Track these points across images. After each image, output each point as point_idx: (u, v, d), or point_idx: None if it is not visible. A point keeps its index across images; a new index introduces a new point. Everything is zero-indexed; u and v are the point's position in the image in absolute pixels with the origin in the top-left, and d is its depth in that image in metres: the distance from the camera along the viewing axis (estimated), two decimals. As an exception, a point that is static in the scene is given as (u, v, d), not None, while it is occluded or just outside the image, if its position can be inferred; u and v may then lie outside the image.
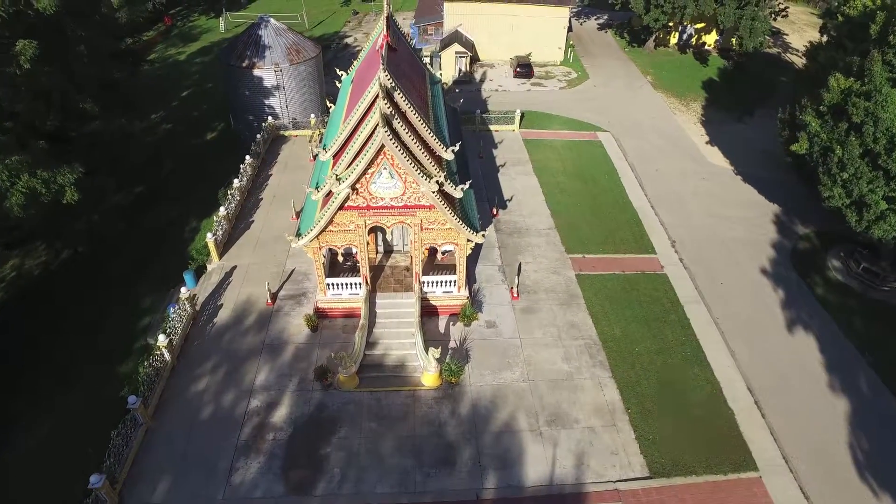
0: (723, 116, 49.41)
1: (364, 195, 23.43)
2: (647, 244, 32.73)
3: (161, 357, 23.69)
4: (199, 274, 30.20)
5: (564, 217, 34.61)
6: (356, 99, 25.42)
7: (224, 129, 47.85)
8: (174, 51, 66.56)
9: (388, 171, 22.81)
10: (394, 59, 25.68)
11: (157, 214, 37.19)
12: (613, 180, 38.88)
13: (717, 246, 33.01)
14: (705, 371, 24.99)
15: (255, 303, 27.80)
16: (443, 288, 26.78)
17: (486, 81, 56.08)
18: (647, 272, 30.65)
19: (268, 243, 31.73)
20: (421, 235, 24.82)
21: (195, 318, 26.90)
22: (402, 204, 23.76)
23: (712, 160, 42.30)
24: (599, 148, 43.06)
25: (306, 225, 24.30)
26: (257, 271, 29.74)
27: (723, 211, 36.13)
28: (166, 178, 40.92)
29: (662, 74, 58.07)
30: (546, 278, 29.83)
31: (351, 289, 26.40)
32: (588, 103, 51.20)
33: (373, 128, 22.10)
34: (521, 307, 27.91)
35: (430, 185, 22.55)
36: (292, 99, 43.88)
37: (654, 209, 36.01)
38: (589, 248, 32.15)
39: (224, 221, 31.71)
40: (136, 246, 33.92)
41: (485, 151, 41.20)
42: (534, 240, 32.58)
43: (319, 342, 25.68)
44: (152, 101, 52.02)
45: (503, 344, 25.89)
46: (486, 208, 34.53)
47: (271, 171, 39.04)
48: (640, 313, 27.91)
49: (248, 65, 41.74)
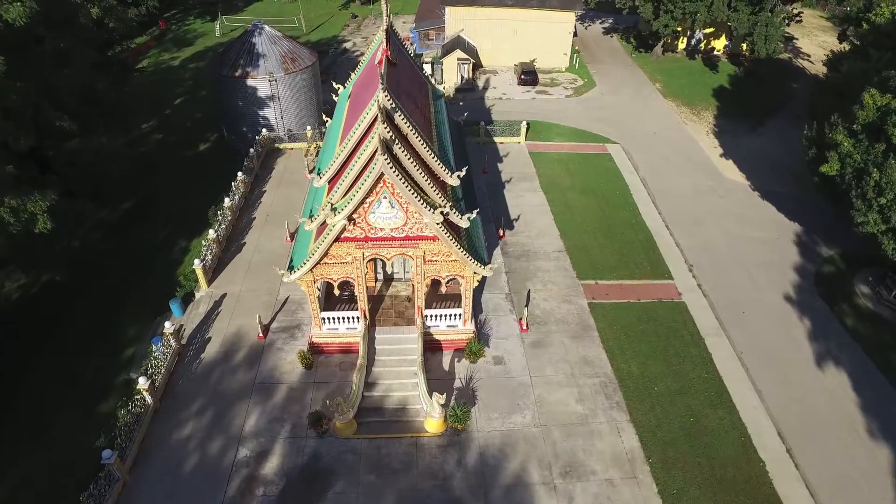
0: (735, 126, 47.52)
1: (362, 226, 21.55)
2: (662, 269, 30.85)
3: (142, 401, 21.81)
4: (186, 302, 28.31)
5: (574, 238, 32.72)
6: (353, 118, 23.56)
7: (217, 140, 45.93)
8: (167, 56, 64.56)
9: (389, 201, 20.93)
10: (394, 74, 23.82)
11: (144, 233, 35.32)
12: (625, 197, 36.99)
13: (736, 270, 31.13)
14: (731, 414, 23.10)
15: (246, 336, 25.92)
16: (447, 322, 24.91)
17: (490, 89, 54.17)
18: (664, 300, 28.76)
19: (260, 268, 29.83)
20: (424, 268, 22.94)
21: (181, 354, 25.04)
22: (404, 235, 21.88)
23: (727, 174, 40.41)
24: (609, 161, 41.17)
25: (299, 258, 22.40)
26: (248, 300, 27.86)
27: (741, 231, 34.25)
28: (156, 193, 39.04)
29: (671, 81, 56.16)
30: (557, 307, 27.95)
31: (348, 323, 24.53)
32: (596, 112, 49.30)
33: (371, 153, 20.22)
34: (530, 341, 26.04)
35: (435, 216, 20.67)
36: (287, 109, 41.97)
37: (669, 229, 34.12)
38: (601, 273, 30.27)
39: (213, 245, 29.84)
40: (121, 268, 32.03)
41: (490, 165, 39.32)
42: (543, 264, 30.69)
43: (314, 381, 23.80)
44: (143, 110, 50.09)
45: (512, 383, 24.02)
46: (493, 229, 32.62)
47: (265, 187, 37.15)
48: (658, 347, 26.05)
49: (241, 74, 39.82)
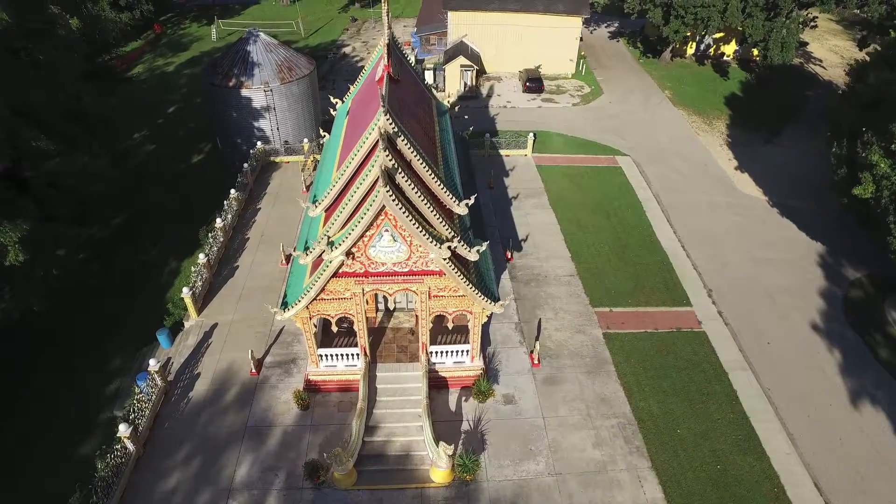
0: (749, 137, 45.78)
1: (361, 260, 19.81)
2: (680, 294, 29.10)
3: (123, 450, 20.07)
4: (175, 331, 26.56)
5: (587, 261, 30.97)
6: (352, 139, 21.82)
7: (211, 151, 44.24)
8: (162, 61, 62.86)
9: (391, 234, 19.19)
10: (395, 92, 22.07)
11: (133, 253, 33.62)
12: (638, 215, 35.24)
13: (758, 296, 29.39)
14: (761, 462, 21.35)
15: (238, 372, 24.18)
16: (453, 358, 23.18)
17: (494, 96, 52.44)
18: (684, 329, 27.01)
19: (253, 295, 28.07)
20: (429, 304, 21.20)
21: (167, 392, 23.30)
22: (407, 269, 20.14)
23: (744, 189, 38.67)
24: (620, 176, 39.42)
25: (293, 294, 20.65)
26: (241, 331, 26.10)
27: (762, 252, 32.50)
28: (146, 210, 37.31)
29: (681, 88, 54.43)
30: (570, 339, 26.22)
31: (347, 360, 22.81)
32: (604, 122, 47.56)
33: (371, 182, 18.48)
34: (542, 376, 24.31)
35: (441, 251, 18.93)
36: (284, 121, 40.21)
37: (685, 250, 32.38)
38: (616, 299, 28.52)
39: (204, 270, 28.08)
40: (108, 292, 30.38)
41: (495, 180, 37.57)
42: (554, 289, 28.96)
43: (311, 424, 22.06)
44: (135, 119, 48.43)
45: (524, 425, 22.28)
46: (500, 251, 30.90)
47: (259, 204, 35.38)
48: (679, 383, 24.32)
49: (235, 84, 38.07)
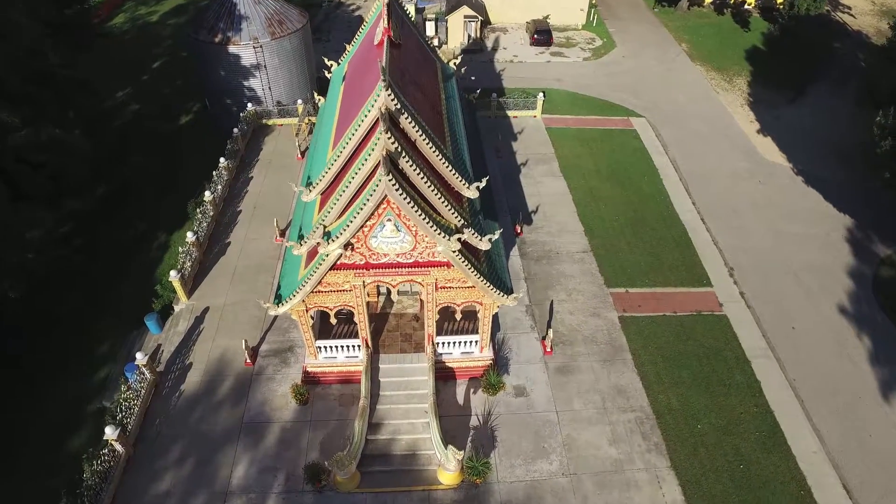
0: (772, 95, 42.96)
1: (362, 251, 18.00)
2: (700, 273, 27.42)
3: (111, 452, 18.88)
4: (164, 315, 25.05)
5: (601, 235, 29.13)
6: (349, 112, 19.59)
7: (200, 111, 41.47)
8: (145, 10, 58.71)
9: (394, 223, 17.29)
10: (397, 59, 19.65)
11: (121, 226, 31.61)
12: (655, 183, 33.11)
13: (782, 274, 27.73)
14: (787, 460, 20.24)
15: (232, 361, 22.79)
16: (462, 349, 21.75)
17: (500, 50, 49.11)
18: (704, 312, 25.50)
19: (247, 275, 26.42)
20: (436, 295, 19.54)
21: (157, 385, 21.98)
22: (412, 261, 18.34)
23: (767, 155, 36.35)
24: (635, 139, 37.00)
25: (288, 287, 18.93)
26: (234, 315, 24.58)
27: (786, 226, 30.61)
28: (131, 178, 35.04)
29: (699, 41, 50.99)
30: (584, 323, 24.73)
31: (348, 351, 21.37)
32: (617, 79, 44.58)
33: (372, 167, 16.45)
34: (555, 365, 22.96)
35: (451, 243, 17.10)
36: (276, 79, 37.40)
37: (705, 223, 30.46)
38: (633, 278, 26.88)
39: (193, 248, 26.28)
40: (94, 270, 28.60)
41: (503, 145, 35.24)
42: (566, 267, 27.26)
43: (311, 420, 20.84)
44: (118, 76, 45.28)
45: (536, 420, 21.08)
46: (509, 223, 29.03)
47: (252, 172, 33.19)
48: (699, 373, 22.99)
49: (222, 40, 35.09)
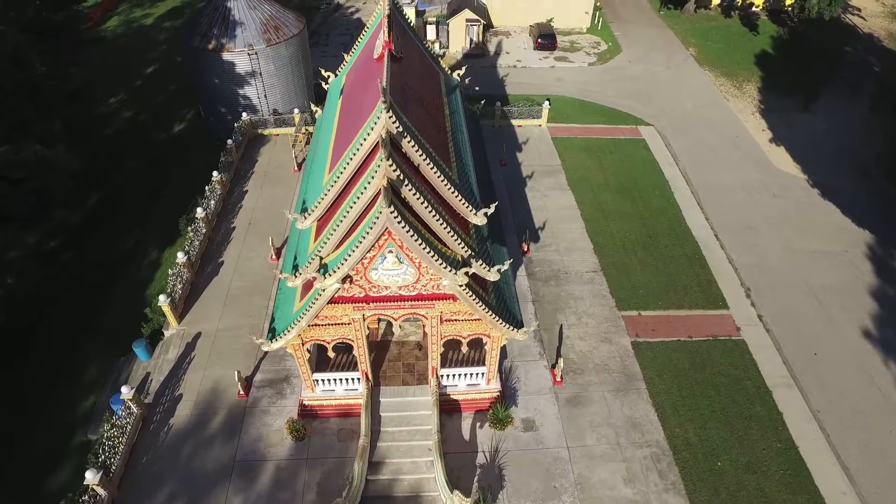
0: (784, 102, 41.71)
1: (361, 284, 16.77)
2: (715, 294, 26.20)
3: (94, 498, 17.66)
4: (154, 339, 23.83)
5: (611, 253, 27.90)
6: (347, 130, 18.36)
7: (194, 119, 40.18)
8: (139, 13, 57.39)
9: (396, 255, 16.07)
10: (398, 74, 18.41)
11: (111, 239, 30.35)
12: (666, 196, 31.87)
13: (801, 295, 26.52)
14: (816, 503, 19.11)
15: (224, 393, 21.57)
16: (467, 381, 20.54)
17: (502, 54, 47.83)
18: (721, 337, 24.29)
19: (241, 297, 25.18)
20: (441, 328, 18.33)
21: (145, 419, 20.76)
22: (416, 293, 17.12)
23: (780, 166, 35.12)
24: (644, 150, 35.76)
25: (283, 321, 17.70)
26: (227, 342, 23.34)
27: (803, 242, 29.39)
28: (123, 189, 33.79)
29: (707, 46, 49.70)
30: (595, 349, 23.53)
31: (346, 384, 20.16)
32: (623, 85, 43.32)
33: (372, 195, 15.23)
34: (566, 396, 21.75)
35: (457, 277, 15.88)
36: (272, 87, 36.10)
37: (719, 239, 29.24)
38: (645, 300, 25.66)
39: (184, 269, 25.05)
40: (81, 288, 27.36)
41: (508, 156, 33.97)
42: (575, 288, 26.04)
43: (307, 457, 19.61)
44: (111, 81, 44.02)
45: (546, 457, 19.86)
46: (515, 241, 27.79)
47: (247, 185, 31.93)
48: (717, 405, 21.77)
49: (216, 47, 33.78)
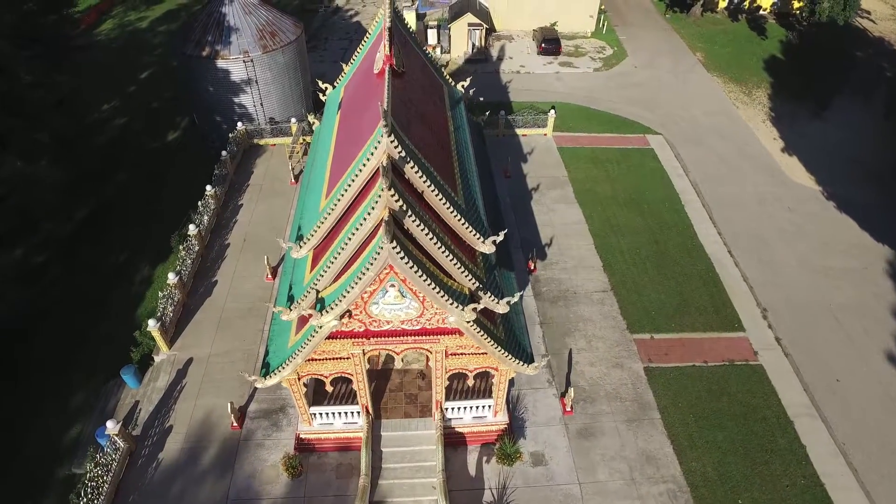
0: (795, 109, 40.64)
1: (361, 318, 15.67)
2: (730, 315, 25.10)
3: (75, 544, 16.63)
4: (144, 365, 22.73)
5: (621, 271, 26.81)
6: (346, 151, 17.27)
7: (189, 127, 39.04)
8: (134, 16, 56.24)
9: (398, 289, 14.97)
10: (400, 90, 17.31)
11: (100, 255, 29.23)
12: (676, 210, 30.76)
13: (820, 316, 25.44)
14: (843, 545, 18.09)
15: (217, 424, 20.46)
16: (473, 413, 19.46)
17: (505, 59, 46.70)
18: (737, 362, 23.20)
19: (235, 320, 24.07)
20: (446, 362, 17.24)
21: (133, 453, 19.66)
22: (419, 327, 16.02)
23: (794, 177, 34.02)
24: (653, 160, 34.65)
25: (277, 355, 16.59)
26: (220, 368, 22.23)
27: (820, 258, 28.30)
28: (114, 201, 32.65)
29: (714, 50, 48.61)
30: (606, 375, 22.44)
31: (346, 417, 19.07)
32: (630, 91, 42.21)
33: (373, 226, 14.13)
34: (576, 427, 20.66)
35: (465, 313, 14.77)
36: (268, 95, 34.97)
37: (733, 256, 28.14)
38: (657, 322, 24.57)
39: (176, 290, 23.93)
40: (71, 306, 26.21)
41: (512, 166, 32.85)
42: (584, 310, 24.94)
43: (304, 496, 18.51)
44: (104, 86, 42.88)
45: (557, 494, 18.75)
46: (521, 259, 26.71)
47: (242, 198, 30.78)
48: (736, 436, 20.69)
49: (210, 54, 32.63)
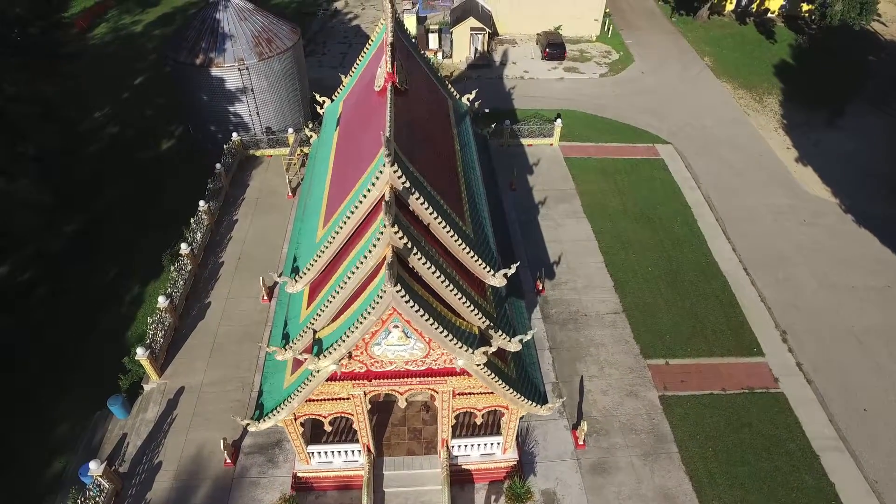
0: (808, 117, 39.48)
1: (362, 359, 14.51)
2: (748, 339, 23.94)
3: None
4: (132, 394, 21.56)
5: (633, 291, 25.65)
6: (344, 174, 16.14)
7: (183, 136, 37.85)
8: (129, 19, 54.99)
9: (402, 330, 13.80)
10: (403, 110, 16.16)
11: (90, 272, 28.00)
12: (689, 225, 29.60)
13: (843, 339, 24.30)
14: None
15: (209, 461, 19.30)
16: (481, 450, 18.31)
17: (509, 64, 45.50)
18: (757, 390, 22.05)
19: (229, 345, 22.90)
20: (453, 402, 16.08)
21: (119, 493, 18.50)
22: (425, 368, 14.87)
23: (809, 188, 32.86)
24: (663, 171, 33.48)
25: (272, 396, 15.41)
26: (213, 399, 21.07)
27: (840, 276, 27.15)
28: (107, 212, 31.38)
29: (723, 55, 47.42)
30: (619, 405, 21.29)
31: (346, 455, 17.93)
32: (638, 98, 41.03)
33: (374, 265, 12.96)
34: (589, 462, 19.51)
35: (475, 356, 13.61)
36: (264, 104, 33.81)
37: (749, 274, 26.97)
38: (672, 347, 23.42)
39: (167, 315, 22.76)
40: (58, 329, 25.00)
41: (518, 178, 31.68)
42: (596, 333, 23.79)
43: (301, 541, 17.45)
44: (97, 93, 41.66)
45: (571, 539, 17.72)
46: (529, 279, 25.55)
47: (237, 213, 29.61)
48: (759, 471, 19.54)
49: (203, 61, 31.46)
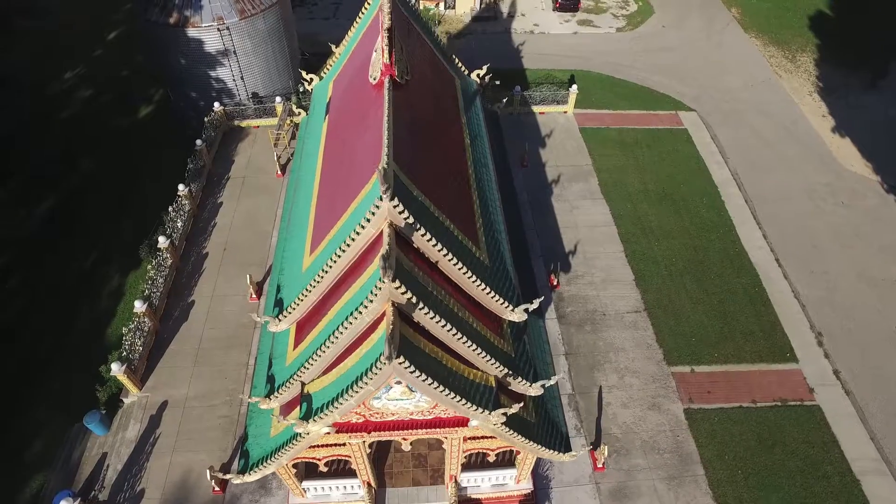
0: (846, 78, 36.04)
1: (361, 412, 12.52)
2: (781, 342, 21.99)
3: None
4: (111, 407, 19.81)
5: (656, 286, 23.50)
6: (335, 184, 13.69)
7: (163, 100, 34.60)
8: (99, -39, 49.98)
9: (406, 385, 11.71)
10: (404, 107, 13.49)
11: (64, 261, 25.69)
12: (716, 208, 27.08)
13: (885, 342, 22.31)
14: None
15: (196, 488, 17.74)
16: (493, 481, 16.71)
17: (517, 17, 41.48)
18: (791, 403, 20.30)
19: (215, 352, 20.96)
20: (463, 446, 14.25)
21: (99, 525, 17.09)
22: (432, 417, 12.91)
23: (846, 163, 30.09)
24: (687, 143, 30.58)
25: (258, 448, 13.48)
26: (199, 414, 19.33)
27: (882, 269, 24.89)
28: (81, 191, 28.74)
29: (752, 5, 43.19)
30: (641, 420, 19.59)
31: (345, 489, 16.33)
32: (658, 57, 37.43)
33: (371, 322, 10.74)
34: (609, 487, 18.00)
35: (491, 417, 11.60)
36: (249, 67, 30.47)
37: (781, 266, 24.72)
38: (698, 351, 21.51)
39: (145, 319, 20.70)
40: (29, 329, 23.02)
41: (530, 152, 28.86)
42: (616, 335, 21.83)
43: (297, 581, 16.10)
44: (65, 52, 38.01)
45: (590, 576, 16.39)
46: (542, 272, 23.37)
47: (221, 195, 27.04)
48: (793, 498, 18.01)
49: (178, 20, 27.99)
